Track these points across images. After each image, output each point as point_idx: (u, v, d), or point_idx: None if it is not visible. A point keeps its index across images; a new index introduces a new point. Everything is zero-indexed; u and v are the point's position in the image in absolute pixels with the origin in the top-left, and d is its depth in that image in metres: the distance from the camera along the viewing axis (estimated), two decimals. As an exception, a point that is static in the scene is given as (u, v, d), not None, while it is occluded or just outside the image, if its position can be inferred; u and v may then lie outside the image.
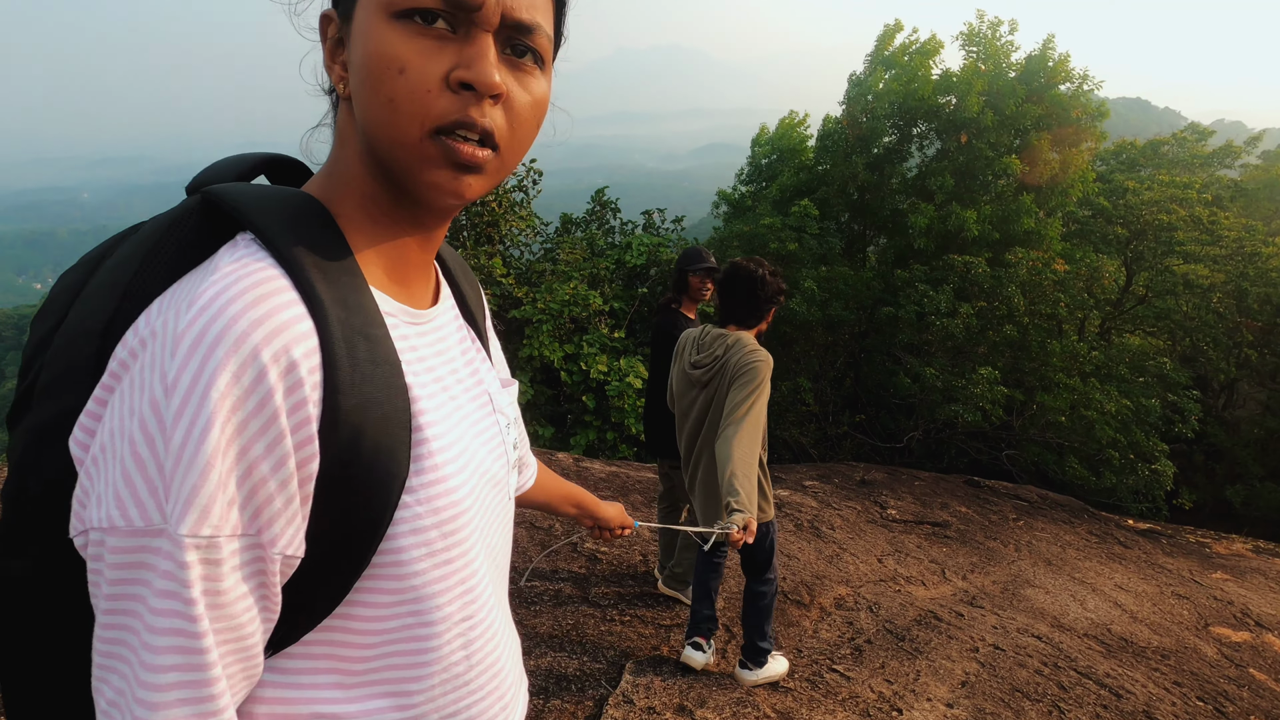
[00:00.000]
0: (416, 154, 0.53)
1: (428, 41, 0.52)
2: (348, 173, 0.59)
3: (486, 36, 0.53)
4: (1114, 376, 11.20)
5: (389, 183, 0.57)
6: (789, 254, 11.76)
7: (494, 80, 0.52)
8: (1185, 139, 15.89)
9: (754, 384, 2.38)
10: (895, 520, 5.52)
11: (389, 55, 0.51)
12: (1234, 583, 5.56)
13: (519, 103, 0.56)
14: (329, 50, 0.58)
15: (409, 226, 0.60)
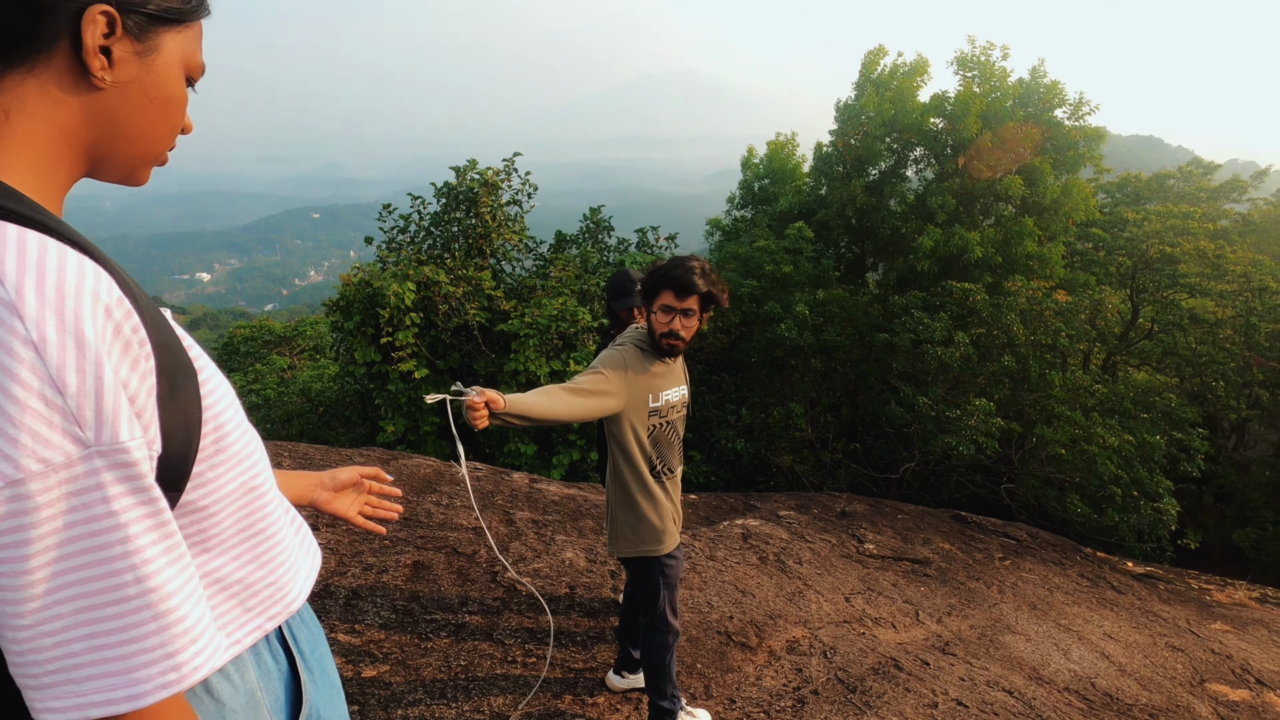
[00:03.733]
0: (150, 161, 0.74)
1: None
2: (26, 145, 0.64)
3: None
4: (1118, 411, 10.87)
5: (80, 163, 0.69)
6: (784, 276, 11.57)
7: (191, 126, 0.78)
8: (1191, 173, 15.67)
9: (596, 363, 2.14)
10: (872, 555, 5.22)
11: (180, 101, 0.73)
12: (1234, 635, 5.21)
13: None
14: (96, 41, 0.63)
15: (63, 194, 0.70)
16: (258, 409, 11.26)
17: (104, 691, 0.56)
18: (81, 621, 0.55)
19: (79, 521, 0.55)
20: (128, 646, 0.56)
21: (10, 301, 0.53)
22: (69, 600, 0.55)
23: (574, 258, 11.46)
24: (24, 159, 0.64)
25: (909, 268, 12.41)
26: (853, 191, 12.30)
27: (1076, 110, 11.91)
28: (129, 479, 0.57)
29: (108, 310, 0.57)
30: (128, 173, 0.72)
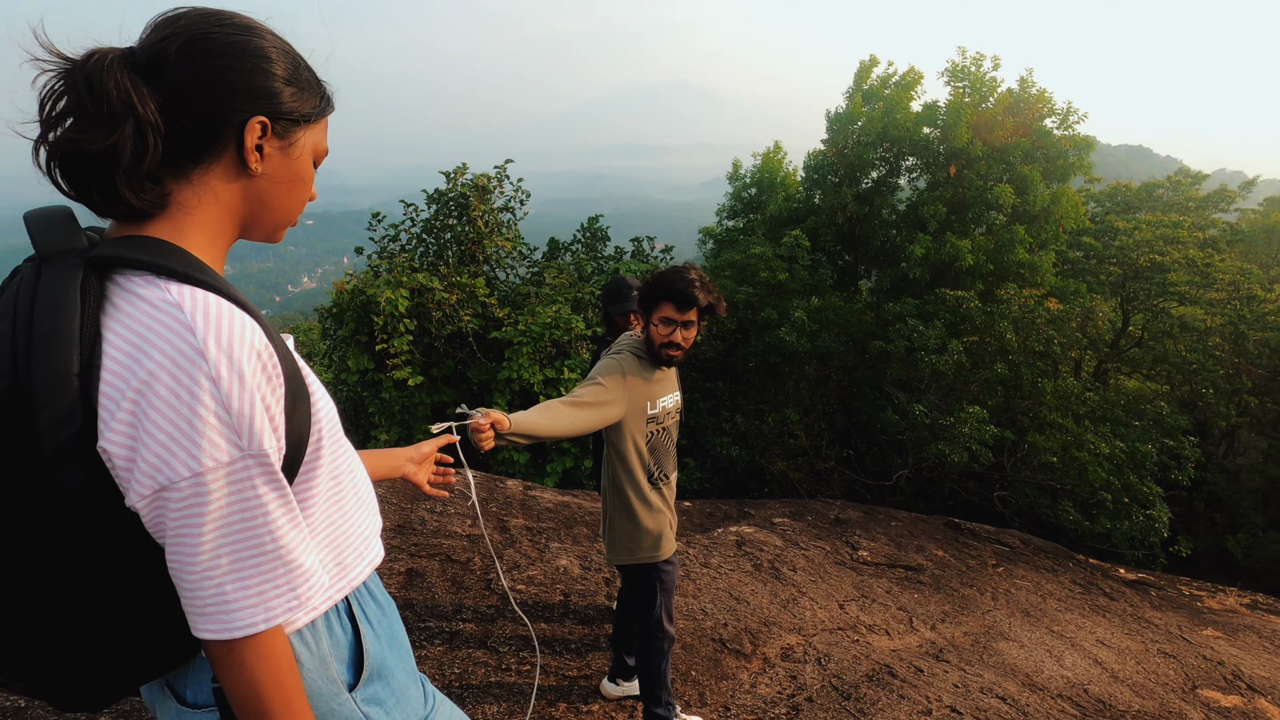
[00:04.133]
0: (286, 226, 0.94)
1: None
2: (202, 221, 0.85)
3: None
4: (1110, 419, 10.93)
5: (236, 230, 0.90)
6: (779, 284, 11.60)
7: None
8: (1180, 182, 15.85)
9: (594, 374, 2.13)
10: (866, 562, 5.23)
11: (309, 180, 0.93)
12: (1225, 641, 5.23)
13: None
14: (254, 142, 0.84)
15: (224, 254, 0.91)
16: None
17: (247, 618, 0.78)
18: (233, 570, 0.77)
19: (235, 502, 0.77)
20: (264, 586, 0.79)
21: (199, 349, 0.74)
22: (226, 556, 0.77)
23: (568, 265, 11.48)
24: (203, 233, 0.85)
25: (901, 275, 12.46)
26: (844, 199, 12.37)
27: (1065, 119, 12.03)
28: (268, 474, 0.79)
29: (258, 354, 0.78)
30: (269, 235, 0.94)
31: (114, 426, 0.73)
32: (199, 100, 0.80)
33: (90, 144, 0.76)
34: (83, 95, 0.76)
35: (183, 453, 0.73)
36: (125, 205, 0.80)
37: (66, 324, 0.73)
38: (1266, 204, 19.51)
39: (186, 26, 0.81)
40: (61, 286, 0.74)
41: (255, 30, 0.85)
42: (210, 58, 0.80)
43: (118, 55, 0.78)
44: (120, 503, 0.76)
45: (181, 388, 0.73)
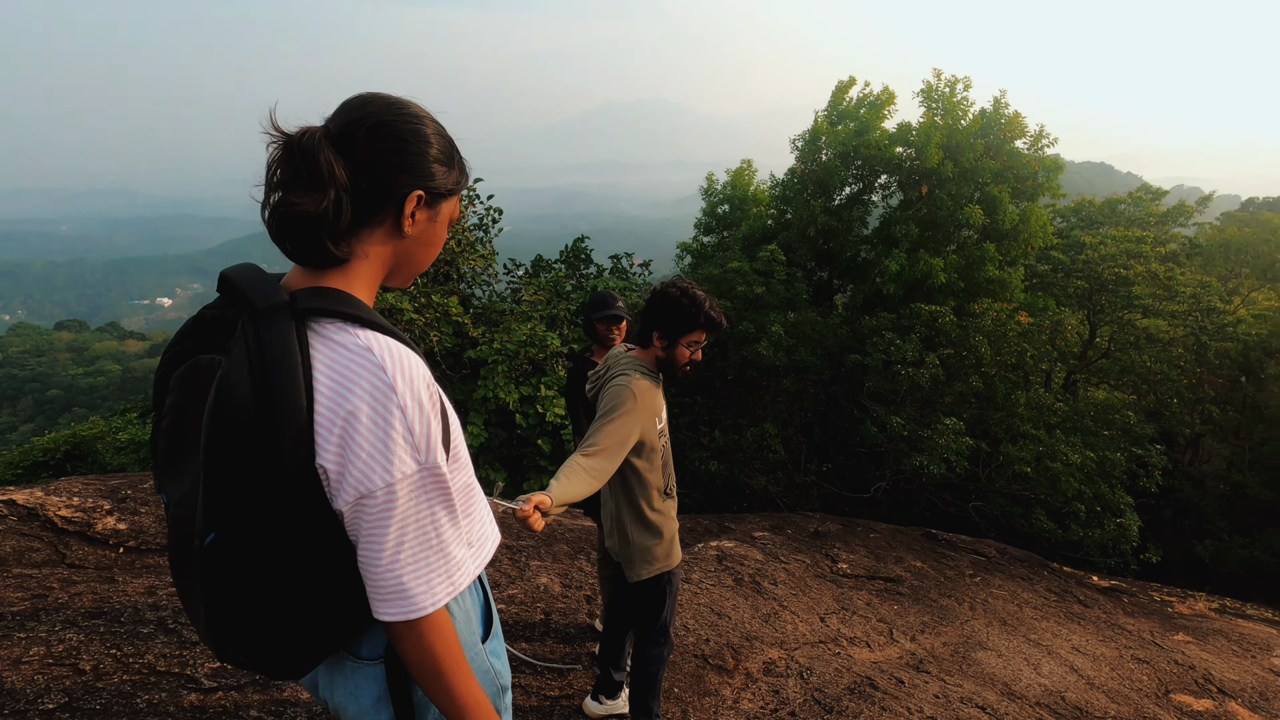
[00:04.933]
0: (417, 275, 1.14)
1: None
2: (367, 272, 1.04)
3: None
4: (1080, 429, 11.15)
5: (382, 279, 1.08)
6: (756, 298, 11.70)
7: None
8: (1141, 198, 16.36)
9: (608, 408, 2.13)
10: (846, 575, 5.25)
11: (443, 240, 1.12)
12: (1196, 645, 5.33)
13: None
14: (410, 210, 1.02)
15: (374, 296, 1.08)
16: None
17: (421, 602, 0.95)
18: (411, 562, 0.95)
19: (413, 506, 0.95)
20: (431, 576, 0.96)
21: (390, 384, 0.93)
22: (405, 551, 0.95)
23: (547, 283, 11.47)
24: (365, 281, 1.04)
25: (875, 291, 12.64)
26: (813, 213, 12.54)
27: (1036, 142, 12.37)
28: (439, 483, 0.97)
29: (427, 385, 0.98)
30: (404, 282, 1.12)
31: (328, 448, 0.91)
32: (377, 174, 0.99)
33: (307, 205, 0.95)
34: (300, 166, 0.95)
35: (379, 467, 0.92)
36: (325, 256, 0.99)
37: (294, 368, 0.90)
38: (1223, 219, 20.21)
39: (373, 113, 1.00)
40: (284, 337, 0.91)
41: (422, 120, 1.04)
42: (389, 140, 1.00)
43: (322, 132, 0.97)
44: (326, 509, 0.94)
45: (379, 416, 0.92)
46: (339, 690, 1.09)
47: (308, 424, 0.90)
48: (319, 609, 0.98)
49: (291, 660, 1.01)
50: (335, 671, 1.09)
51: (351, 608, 1.00)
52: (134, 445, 11.09)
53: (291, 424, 0.89)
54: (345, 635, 1.03)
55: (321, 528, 0.94)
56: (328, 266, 1.00)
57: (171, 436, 0.99)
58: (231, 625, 0.96)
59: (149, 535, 3.71)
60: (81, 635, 2.65)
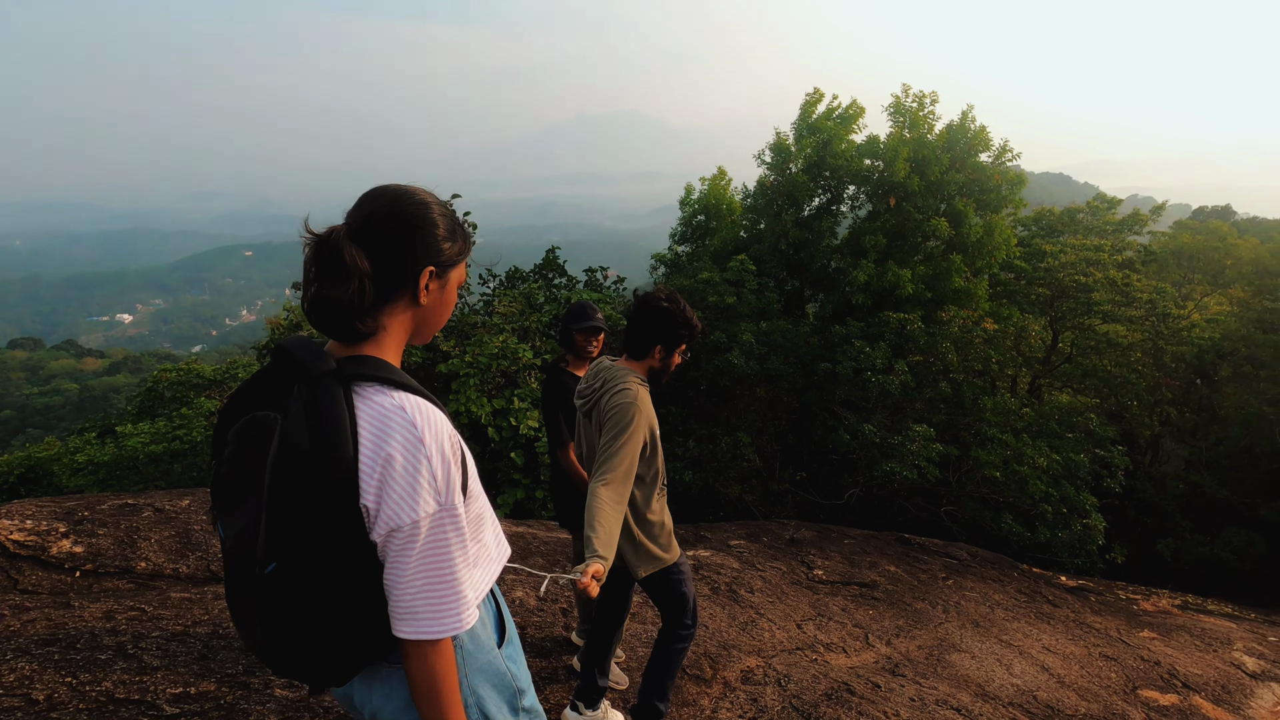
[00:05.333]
0: (434, 333, 1.29)
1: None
2: (394, 339, 1.22)
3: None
4: (1045, 432, 11.40)
5: (407, 341, 1.26)
6: (727, 307, 11.79)
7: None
8: (1097, 208, 16.90)
9: (619, 427, 2.22)
10: (822, 581, 5.28)
11: (453, 303, 1.29)
12: (1161, 641, 5.46)
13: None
14: (425, 283, 1.20)
15: (400, 359, 1.27)
16: (183, 455, 10.61)
17: (428, 626, 1.11)
18: (424, 590, 1.11)
19: (433, 541, 1.11)
20: (441, 606, 1.11)
21: (420, 438, 1.10)
22: (420, 579, 1.11)
23: (519, 294, 11.42)
24: (394, 347, 1.22)
25: (845, 300, 12.82)
26: (784, 225, 12.70)
27: (1000, 155, 12.70)
28: (455, 523, 1.13)
29: (449, 438, 1.15)
30: (424, 340, 1.29)
31: (369, 489, 1.09)
32: (394, 257, 1.17)
33: (338, 296, 1.12)
34: (330, 262, 1.13)
35: (408, 506, 1.09)
36: (354, 333, 1.17)
37: (343, 425, 1.08)
38: (1175, 227, 20.95)
39: (386, 205, 1.18)
40: (335, 399, 1.09)
41: (429, 205, 1.21)
42: (401, 227, 1.17)
43: (344, 230, 1.15)
44: (366, 540, 1.11)
45: (410, 464, 1.09)
46: (377, 694, 1.24)
47: (354, 469, 1.08)
48: (360, 624, 1.15)
49: (338, 669, 1.18)
50: (373, 678, 1.24)
51: (383, 627, 1.16)
52: (92, 467, 10.72)
53: (342, 469, 1.07)
54: (382, 647, 1.18)
55: (363, 556, 1.11)
56: (359, 340, 1.18)
57: (230, 481, 1.15)
58: (287, 642, 1.13)
59: (107, 558, 3.58)
60: (35, 664, 2.54)
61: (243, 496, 1.12)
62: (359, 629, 1.14)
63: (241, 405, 1.18)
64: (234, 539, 1.13)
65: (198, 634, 2.70)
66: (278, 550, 1.07)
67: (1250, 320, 15.26)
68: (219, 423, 1.22)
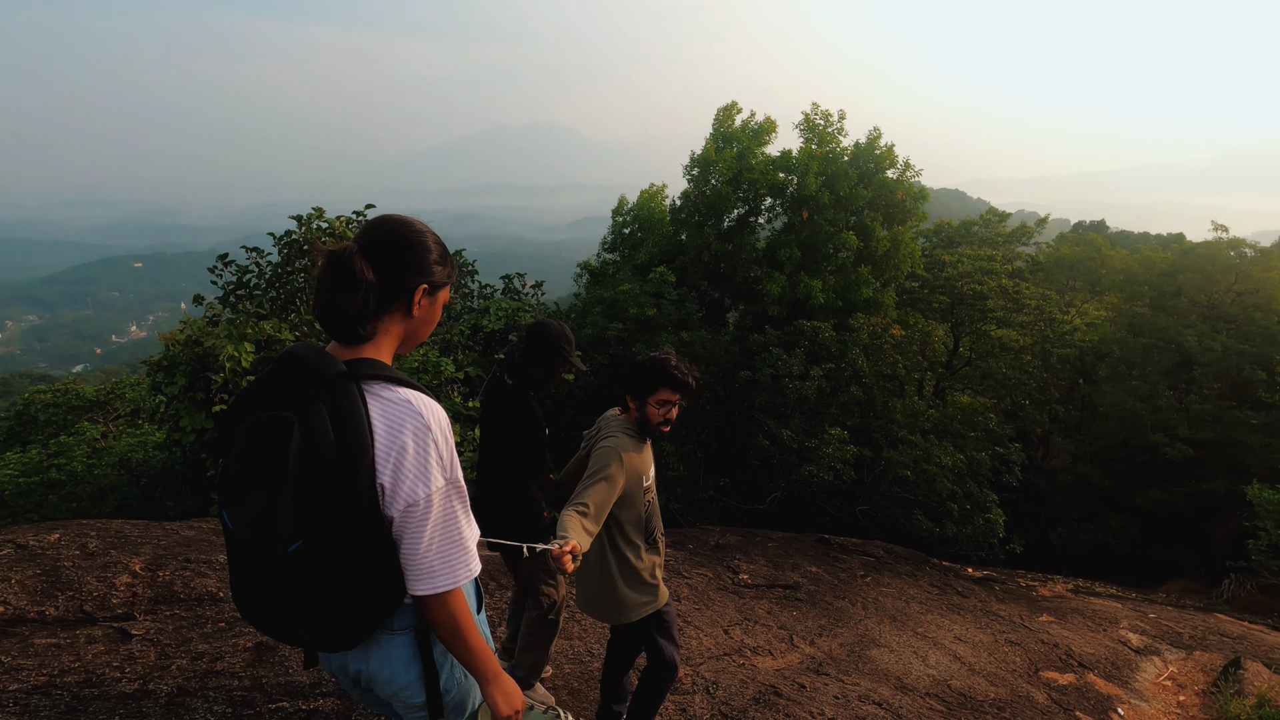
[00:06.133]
0: (420, 343, 1.67)
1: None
2: (389, 344, 1.41)
3: None
4: (949, 432, 12.06)
5: (397, 346, 1.44)
6: (648, 319, 11.86)
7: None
8: (990, 221, 18.16)
9: (595, 471, 2.30)
10: (747, 585, 5.35)
11: (439, 317, 1.50)
12: (1058, 624, 5.84)
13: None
14: (418, 299, 1.40)
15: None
16: (60, 486, 9.64)
17: (444, 580, 1.31)
18: (439, 552, 1.32)
19: (444, 509, 1.33)
20: (453, 562, 1.33)
21: (427, 425, 1.30)
22: (436, 542, 1.32)
23: (437, 305, 11.09)
24: (389, 352, 1.40)
25: (763, 310, 13.19)
26: (707, 238, 12.95)
27: (904, 172, 13.43)
28: (460, 494, 1.36)
29: (448, 423, 1.34)
30: (410, 349, 1.47)
31: (385, 471, 1.27)
32: (394, 275, 1.35)
33: (348, 304, 1.31)
34: (342, 273, 1.31)
35: (422, 483, 1.29)
36: (356, 336, 1.34)
37: (361, 418, 1.26)
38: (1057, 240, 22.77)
39: (390, 230, 1.38)
40: (353, 395, 1.27)
41: (424, 233, 1.41)
42: (401, 248, 1.36)
43: (355, 248, 1.33)
44: (380, 517, 1.29)
45: (421, 448, 1.29)
46: (373, 660, 1.40)
47: (373, 455, 1.26)
48: (372, 591, 1.31)
49: (351, 631, 1.32)
50: (370, 645, 1.40)
51: (392, 591, 1.33)
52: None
53: (365, 455, 1.25)
54: (385, 613, 1.34)
55: (376, 530, 1.29)
56: (360, 343, 1.35)
57: (238, 476, 1.26)
58: (302, 609, 1.28)
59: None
60: None
61: (251, 488, 1.24)
62: (371, 595, 1.31)
63: (247, 407, 1.30)
64: (244, 526, 1.25)
65: (66, 684, 2.42)
66: (303, 529, 1.23)
67: (1123, 325, 16.74)
68: (223, 424, 1.37)
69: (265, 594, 1.29)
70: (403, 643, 1.40)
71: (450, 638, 1.35)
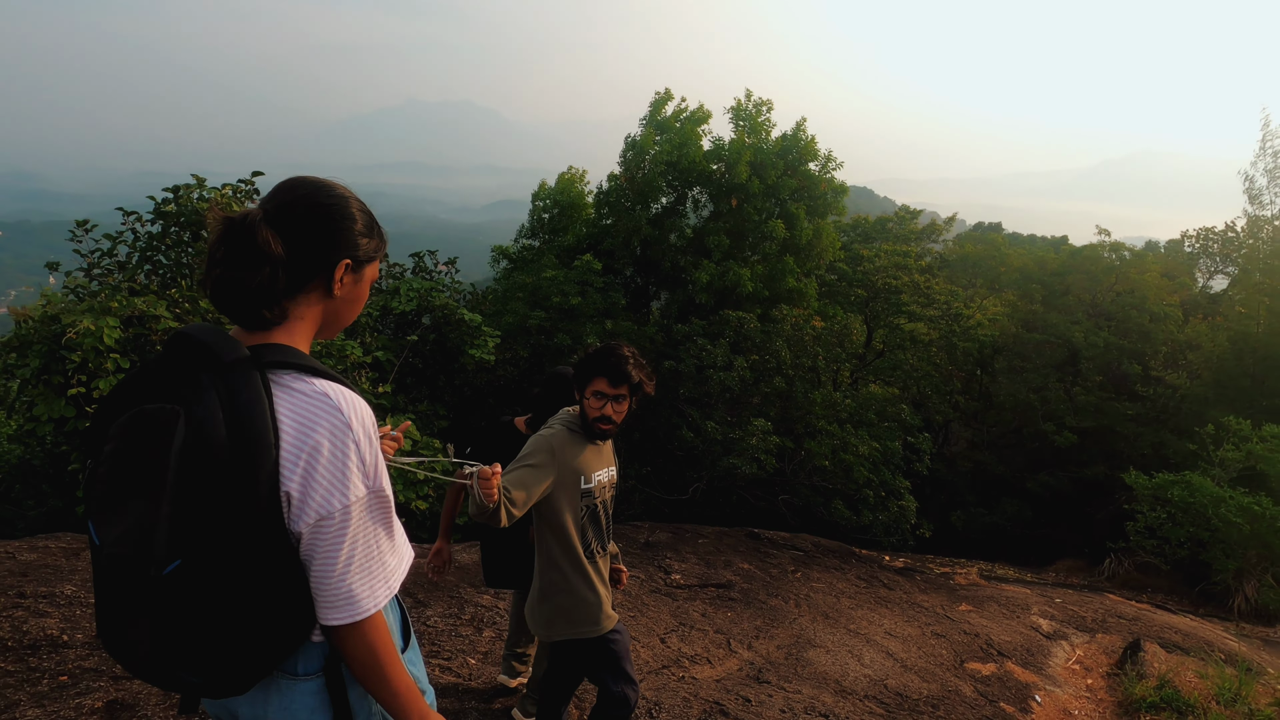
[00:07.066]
0: (344, 327, 1.28)
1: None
2: (305, 329, 1.20)
3: None
4: (865, 422, 12.39)
5: (316, 333, 1.24)
6: (572, 308, 11.50)
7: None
8: (904, 218, 18.86)
9: (522, 456, 2.14)
10: (680, 586, 5.16)
11: (365, 298, 1.28)
12: (976, 614, 5.99)
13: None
14: (339, 276, 1.20)
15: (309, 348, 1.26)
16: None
17: (367, 605, 1.12)
18: (358, 572, 1.13)
19: (364, 523, 1.14)
20: (374, 582, 1.15)
21: (346, 423, 1.11)
22: (356, 563, 1.12)
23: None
24: (304, 337, 1.21)
25: (689, 299, 13.09)
26: (637, 223, 12.70)
27: (826, 165, 13.59)
28: (383, 504, 1.17)
29: (373, 422, 1.17)
30: (333, 334, 1.29)
31: (293, 476, 1.07)
32: (310, 247, 1.16)
33: (247, 280, 1.11)
34: (243, 245, 1.11)
35: (338, 492, 1.09)
36: (260, 320, 1.14)
37: (265, 412, 1.06)
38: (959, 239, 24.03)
39: (305, 195, 1.18)
40: (254, 385, 1.07)
41: (347, 199, 1.22)
42: (320, 218, 1.17)
43: (260, 215, 1.13)
44: (282, 533, 1.08)
45: (338, 450, 1.09)
46: (272, 709, 1.18)
47: (276, 457, 1.05)
48: (267, 626, 1.09)
49: (239, 675, 1.10)
50: (268, 691, 1.17)
51: (293, 625, 1.11)
52: None
53: (266, 457, 1.03)
54: (286, 651, 1.12)
55: (276, 548, 1.07)
56: (267, 327, 1.14)
57: (111, 481, 1.03)
58: (183, 646, 1.05)
59: None
60: None
61: (127, 496, 1.03)
62: (270, 628, 1.10)
63: (126, 398, 1.09)
64: (115, 543, 1.03)
65: None
66: (182, 546, 1.02)
67: (1018, 320, 17.80)
68: (98, 417, 1.12)
69: (137, 627, 1.05)
70: (308, 689, 1.17)
71: (370, 676, 1.14)
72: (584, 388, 2.22)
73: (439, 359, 10.01)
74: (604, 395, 2.18)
